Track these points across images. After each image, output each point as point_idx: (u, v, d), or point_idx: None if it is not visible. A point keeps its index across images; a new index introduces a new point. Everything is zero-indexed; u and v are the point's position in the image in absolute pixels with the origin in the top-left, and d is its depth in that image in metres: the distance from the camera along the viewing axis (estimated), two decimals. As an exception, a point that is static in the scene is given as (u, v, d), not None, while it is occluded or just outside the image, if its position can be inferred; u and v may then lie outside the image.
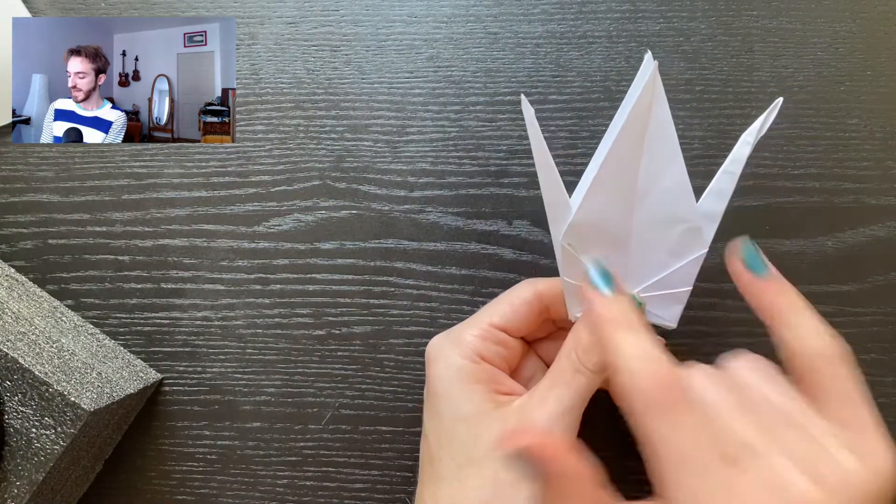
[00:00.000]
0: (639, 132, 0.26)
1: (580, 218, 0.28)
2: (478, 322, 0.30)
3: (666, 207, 0.27)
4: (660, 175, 0.27)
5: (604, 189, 0.27)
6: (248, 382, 0.37)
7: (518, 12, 0.36)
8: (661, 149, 0.26)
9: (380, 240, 0.36)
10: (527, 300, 0.30)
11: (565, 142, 0.36)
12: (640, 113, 0.26)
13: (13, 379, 0.30)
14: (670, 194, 0.27)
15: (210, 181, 0.37)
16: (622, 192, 0.27)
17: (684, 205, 0.27)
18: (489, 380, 0.29)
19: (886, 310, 0.35)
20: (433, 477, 0.29)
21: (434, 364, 0.30)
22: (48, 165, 0.37)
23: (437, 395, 0.29)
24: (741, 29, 0.36)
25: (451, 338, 0.30)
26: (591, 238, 0.28)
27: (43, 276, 0.37)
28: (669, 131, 0.26)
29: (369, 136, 0.37)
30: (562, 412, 0.27)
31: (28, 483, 0.30)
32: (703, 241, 0.28)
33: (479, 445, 0.27)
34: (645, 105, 0.25)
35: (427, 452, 0.30)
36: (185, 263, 0.37)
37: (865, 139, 0.36)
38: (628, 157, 0.27)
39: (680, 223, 0.28)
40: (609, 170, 0.27)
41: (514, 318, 0.30)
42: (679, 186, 0.27)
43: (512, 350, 0.30)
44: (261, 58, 0.37)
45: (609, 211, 0.28)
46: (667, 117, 0.26)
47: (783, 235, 0.36)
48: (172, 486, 0.37)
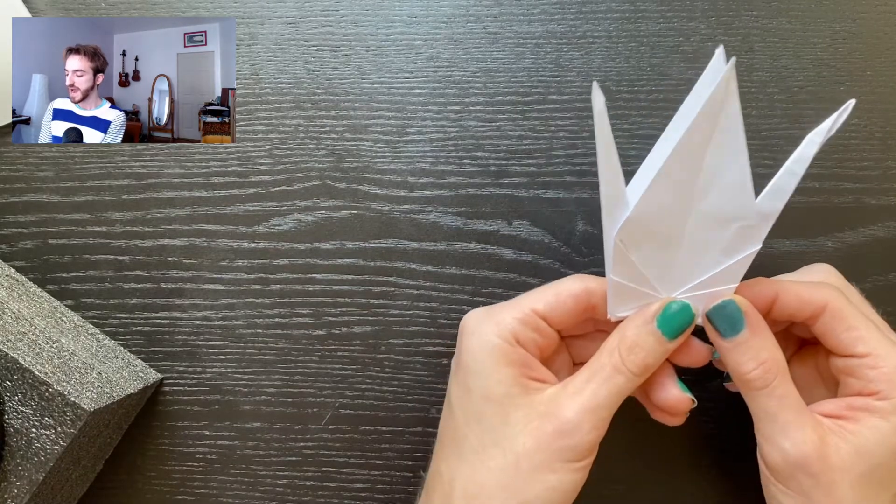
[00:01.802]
0: (709, 128, 0.25)
1: (637, 214, 0.27)
2: (520, 305, 0.29)
3: (725, 205, 0.27)
4: (723, 171, 0.26)
5: (666, 185, 0.26)
6: (248, 382, 0.37)
7: (518, 12, 0.36)
8: (728, 145, 0.26)
9: (380, 240, 0.36)
10: (574, 293, 0.29)
11: (565, 142, 0.36)
12: (712, 108, 0.25)
13: (13, 379, 0.30)
14: (730, 191, 0.26)
15: (210, 181, 0.37)
16: (684, 188, 0.26)
17: (743, 203, 0.27)
18: (522, 364, 0.28)
19: (886, 310, 0.35)
20: (455, 453, 0.29)
21: (469, 338, 0.29)
22: (48, 165, 0.37)
23: (469, 370, 0.29)
24: (741, 29, 0.36)
25: (491, 315, 0.29)
26: (644, 235, 0.27)
27: (43, 276, 0.37)
28: (738, 130, 0.25)
29: (369, 136, 0.37)
30: (594, 408, 0.27)
31: (28, 483, 0.30)
32: (757, 239, 0.27)
33: (506, 428, 0.27)
34: (718, 100, 0.25)
35: (451, 426, 0.29)
36: (185, 263, 0.37)
37: (865, 139, 0.36)
38: (695, 154, 0.26)
39: (736, 221, 0.27)
40: (673, 166, 0.26)
41: (558, 309, 0.29)
42: (740, 184, 0.26)
43: (548, 340, 0.30)
44: (261, 58, 0.37)
45: (667, 208, 0.27)
46: (737, 111, 0.25)
47: (783, 235, 0.36)
48: (172, 486, 0.37)
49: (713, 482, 0.36)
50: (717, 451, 0.36)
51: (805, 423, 0.26)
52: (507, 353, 0.28)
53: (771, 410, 0.27)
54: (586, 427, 0.27)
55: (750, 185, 0.26)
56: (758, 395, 0.27)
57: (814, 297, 0.28)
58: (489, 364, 0.28)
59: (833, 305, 0.27)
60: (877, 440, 0.26)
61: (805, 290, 0.28)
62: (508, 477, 0.27)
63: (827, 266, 0.31)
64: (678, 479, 0.36)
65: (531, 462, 0.27)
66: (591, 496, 0.29)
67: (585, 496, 0.28)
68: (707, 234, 0.27)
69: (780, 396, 0.27)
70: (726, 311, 0.28)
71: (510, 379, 0.28)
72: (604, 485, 0.36)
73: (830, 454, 0.26)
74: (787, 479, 0.27)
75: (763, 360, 0.27)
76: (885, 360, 0.26)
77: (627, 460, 0.36)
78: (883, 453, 0.26)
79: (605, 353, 0.28)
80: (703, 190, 0.26)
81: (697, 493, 0.36)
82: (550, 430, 0.27)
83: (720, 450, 0.36)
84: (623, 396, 0.28)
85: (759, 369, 0.27)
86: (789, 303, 0.28)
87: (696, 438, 0.36)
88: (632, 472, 0.36)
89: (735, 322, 0.27)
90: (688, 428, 0.33)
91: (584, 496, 0.28)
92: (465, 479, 0.28)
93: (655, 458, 0.36)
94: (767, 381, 0.27)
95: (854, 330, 0.27)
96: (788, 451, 0.26)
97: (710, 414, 0.36)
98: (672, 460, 0.36)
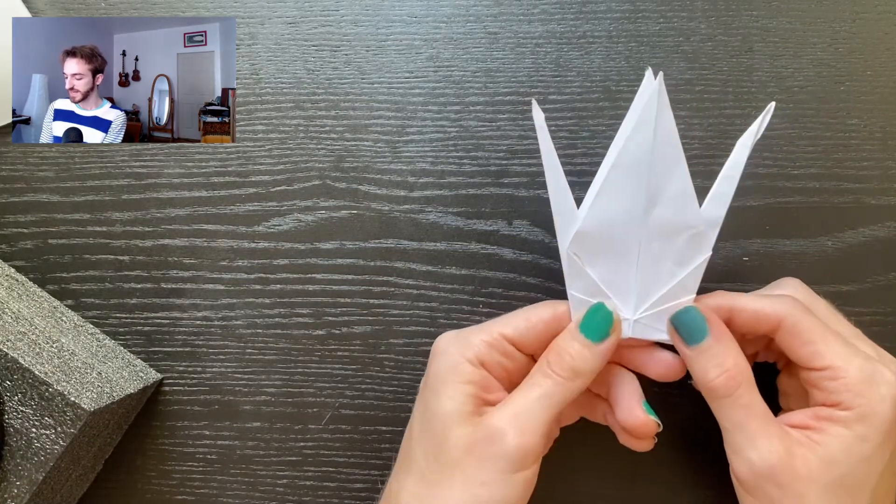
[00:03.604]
0: (645, 141, 0.26)
1: (586, 226, 0.28)
2: (489, 329, 0.30)
3: (672, 215, 0.28)
4: (666, 183, 0.27)
5: (611, 196, 0.27)
6: (248, 382, 0.37)
7: (518, 12, 0.36)
8: (666, 157, 0.27)
9: (380, 240, 0.36)
10: (544, 320, 0.30)
11: (565, 142, 0.36)
12: (645, 123, 0.26)
13: (13, 379, 0.30)
14: (676, 202, 0.28)
15: (210, 181, 0.37)
16: (629, 199, 0.27)
17: (689, 211, 0.28)
18: (480, 385, 0.29)
19: (886, 310, 0.35)
20: (404, 468, 0.29)
21: (437, 357, 0.30)
22: (48, 165, 0.37)
23: (427, 387, 0.29)
24: (741, 29, 0.36)
25: (460, 337, 0.30)
26: (597, 249, 0.28)
27: (43, 276, 0.37)
28: (674, 140, 0.27)
29: (369, 136, 0.37)
30: (518, 413, 0.27)
31: (28, 483, 0.30)
32: (706, 246, 0.28)
33: (448, 443, 0.28)
34: (651, 115, 0.26)
35: (406, 441, 0.30)
36: (185, 263, 0.37)
37: (865, 139, 0.36)
38: (635, 166, 0.27)
39: (685, 230, 0.28)
40: (616, 178, 0.27)
41: (527, 335, 0.29)
42: (684, 194, 0.27)
43: (517, 364, 0.30)
44: (261, 58, 0.37)
45: (616, 219, 0.28)
46: (671, 126, 0.26)
47: (783, 235, 0.36)
48: (172, 486, 0.37)
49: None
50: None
51: (771, 433, 0.26)
52: (466, 373, 0.29)
53: (737, 420, 0.27)
54: (512, 433, 0.27)
55: (693, 194, 0.27)
56: (723, 405, 0.27)
57: (769, 312, 0.28)
58: (448, 381, 0.29)
59: (788, 321, 0.28)
60: (842, 449, 0.26)
61: (761, 305, 0.28)
62: (445, 490, 0.27)
63: (794, 281, 0.31)
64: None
65: (465, 474, 0.27)
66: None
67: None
68: (659, 245, 0.28)
69: (746, 406, 0.27)
70: (689, 317, 0.28)
71: (463, 397, 0.28)
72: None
73: (797, 465, 0.26)
74: (756, 489, 0.27)
75: (727, 367, 0.27)
76: (845, 371, 0.26)
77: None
78: (849, 462, 0.26)
79: (535, 364, 0.29)
80: (649, 201, 0.28)
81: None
82: (480, 438, 0.27)
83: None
84: (555, 402, 0.28)
85: (723, 377, 0.27)
86: (746, 317, 0.28)
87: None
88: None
89: (698, 328, 0.28)
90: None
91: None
92: (408, 493, 0.28)
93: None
94: (731, 389, 0.27)
95: (811, 344, 0.27)
96: (755, 461, 0.26)
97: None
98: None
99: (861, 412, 0.26)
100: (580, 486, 0.36)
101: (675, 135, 0.27)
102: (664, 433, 0.30)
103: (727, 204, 0.28)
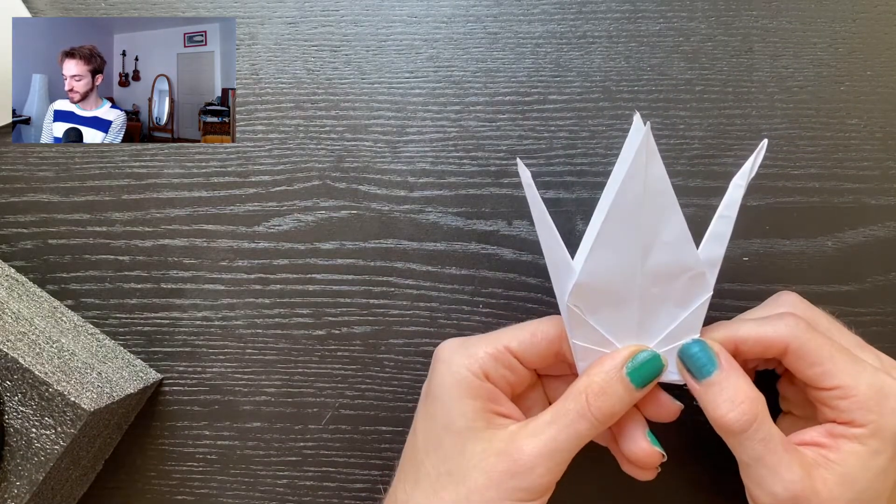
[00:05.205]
0: (637, 189, 0.27)
1: (584, 279, 0.28)
2: (495, 341, 0.29)
3: (670, 260, 0.28)
4: (660, 229, 0.27)
5: (607, 247, 0.27)
6: (248, 382, 0.37)
7: (518, 12, 0.36)
8: (658, 205, 0.27)
9: (380, 240, 0.36)
10: (549, 337, 0.29)
11: (565, 142, 0.36)
12: (636, 171, 0.26)
13: (13, 379, 0.30)
14: (673, 246, 0.27)
15: (210, 181, 0.37)
16: (625, 249, 0.27)
17: (687, 254, 0.28)
18: (488, 398, 0.29)
19: (886, 310, 0.35)
20: (411, 478, 0.29)
21: (440, 366, 0.29)
22: (48, 165, 0.37)
23: (435, 398, 0.29)
24: (741, 29, 0.36)
25: (465, 346, 0.30)
26: (597, 299, 0.28)
27: (43, 276, 0.37)
28: (665, 185, 0.27)
29: (369, 136, 0.37)
30: (552, 451, 0.27)
31: (28, 483, 0.30)
32: (707, 286, 0.28)
33: (461, 460, 0.27)
34: (641, 163, 0.26)
35: (412, 451, 0.30)
36: (185, 263, 0.37)
37: (865, 139, 0.36)
38: (628, 215, 0.27)
39: (684, 272, 0.28)
40: (610, 228, 0.27)
41: (532, 350, 0.29)
42: (680, 238, 0.27)
43: (520, 377, 0.30)
44: (261, 58, 0.37)
45: (613, 269, 0.28)
46: (662, 173, 0.26)
47: (783, 235, 0.36)
48: (172, 486, 0.37)
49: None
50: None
51: (792, 461, 0.26)
52: (473, 387, 0.28)
53: (756, 455, 0.27)
54: (540, 470, 0.27)
55: (689, 237, 0.27)
56: (740, 440, 0.27)
57: (773, 338, 0.28)
58: (455, 395, 0.28)
59: (794, 345, 0.27)
60: (859, 466, 0.26)
61: (765, 332, 0.28)
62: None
63: (792, 295, 0.31)
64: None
65: (481, 498, 0.27)
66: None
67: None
68: (659, 289, 0.28)
69: (763, 439, 0.26)
70: (697, 350, 0.28)
71: (473, 412, 0.28)
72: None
73: (819, 487, 0.26)
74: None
75: (740, 401, 0.27)
76: (855, 389, 0.26)
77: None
78: (866, 477, 0.26)
79: (570, 398, 0.28)
80: (644, 249, 0.28)
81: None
82: (503, 469, 0.27)
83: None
84: (583, 442, 0.28)
85: (736, 412, 0.26)
86: (751, 346, 0.28)
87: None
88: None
89: (707, 361, 0.27)
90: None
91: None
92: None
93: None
94: (747, 424, 0.26)
95: (819, 365, 0.27)
96: (779, 493, 0.26)
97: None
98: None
99: (874, 428, 0.26)
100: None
101: (666, 182, 0.27)
102: (667, 461, 0.30)
103: (725, 244, 0.28)
